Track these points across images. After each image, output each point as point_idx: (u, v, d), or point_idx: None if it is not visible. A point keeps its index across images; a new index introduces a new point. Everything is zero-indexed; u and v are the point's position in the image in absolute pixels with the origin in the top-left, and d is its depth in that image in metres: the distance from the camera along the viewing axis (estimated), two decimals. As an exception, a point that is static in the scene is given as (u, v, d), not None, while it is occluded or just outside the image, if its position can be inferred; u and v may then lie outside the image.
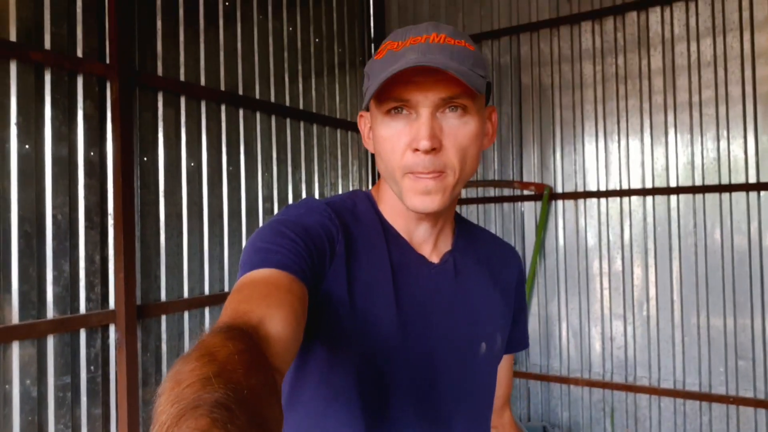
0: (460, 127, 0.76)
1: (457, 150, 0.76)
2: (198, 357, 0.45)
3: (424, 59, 0.71)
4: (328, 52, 3.77)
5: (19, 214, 2.15)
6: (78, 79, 2.35)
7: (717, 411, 3.26)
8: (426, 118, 0.74)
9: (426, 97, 0.73)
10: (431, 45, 0.74)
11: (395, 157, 0.77)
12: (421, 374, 0.83)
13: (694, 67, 3.34)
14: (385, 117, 0.77)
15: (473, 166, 0.80)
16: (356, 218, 0.84)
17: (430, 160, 0.75)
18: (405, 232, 0.86)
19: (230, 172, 3.04)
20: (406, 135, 0.76)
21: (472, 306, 0.88)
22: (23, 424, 2.14)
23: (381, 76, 0.72)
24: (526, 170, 3.87)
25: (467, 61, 0.74)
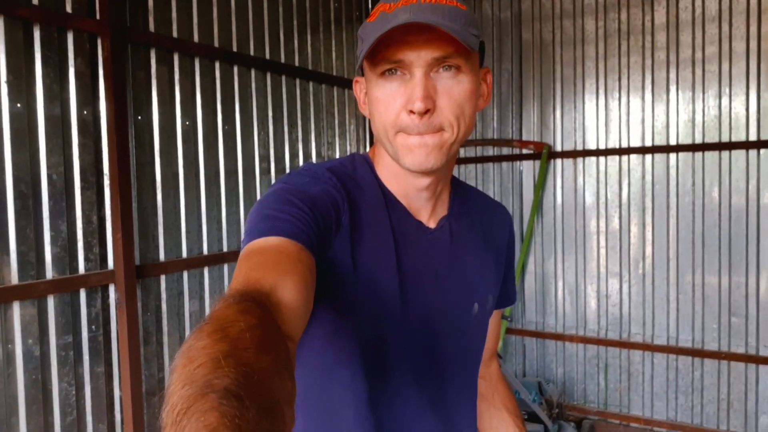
0: (455, 86, 0.75)
1: (453, 108, 0.75)
2: (210, 332, 0.45)
3: (416, 18, 0.70)
4: (323, 7, 3.67)
5: (14, 174, 2.13)
6: (68, 35, 2.29)
7: (709, 366, 3.33)
8: (420, 78, 0.73)
9: (419, 57, 0.73)
10: (423, 5, 0.73)
11: (389, 118, 0.76)
12: (420, 337, 0.85)
13: (699, 22, 3.27)
14: (379, 79, 0.76)
15: (470, 125, 0.79)
16: (357, 184, 0.84)
17: (424, 122, 0.74)
18: (403, 198, 0.86)
19: (226, 131, 3.00)
20: (401, 96, 0.75)
21: (466, 269, 0.90)
22: (27, 383, 2.17)
23: (374, 35, 0.72)
24: (525, 129, 3.84)
25: (459, 20, 0.73)
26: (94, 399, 2.39)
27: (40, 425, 2.21)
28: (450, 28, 0.70)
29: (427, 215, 0.88)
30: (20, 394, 2.15)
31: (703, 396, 3.36)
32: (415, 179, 0.83)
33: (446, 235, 0.88)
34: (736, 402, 3.26)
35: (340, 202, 0.78)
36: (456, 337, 0.89)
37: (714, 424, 3.33)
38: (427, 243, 0.86)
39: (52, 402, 2.26)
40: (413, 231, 0.85)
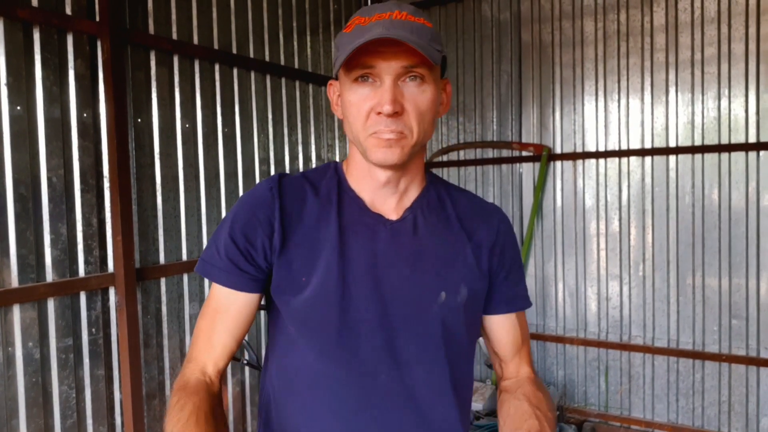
0: (419, 94, 0.86)
1: (416, 114, 0.86)
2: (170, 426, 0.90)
3: (388, 32, 0.81)
4: (323, 8, 3.67)
5: (14, 177, 2.12)
6: (68, 37, 2.29)
7: (709, 368, 3.32)
8: (389, 84, 0.84)
9: (389, 65, 0.84)
10: (394, 21, 0.84)
11: (360, 120, 0.87)
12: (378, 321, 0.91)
13: (698, 23, 3.28)
14: (353, 84, 0.87)
15: (429, 130, 0.90)
16: (315, 187, 0.96)
17: (392, 121, 0.85)
18: (366, 194, 0.96)
19: (226, 133, 2.99)
20: (372, 99, 0.85)
21: (432, 257, 0.94)
22: (28, 385, 2.16)
23: (350, 46, 0.82)
24: (524, 131, 3.84)
25: (425, 36, 0.84)
26: (94, 402, 2.38)
27: (41, 428, 2.20)
28: (417, 43, 0.81)
29: (390, 209, 0.96)
30: (20, 397, 2.14)
31: (704, 398, 3.35)
32: (377, 174, 0.93)
33: (409, 226, 0.95)
34: (737, 404, 3.26)
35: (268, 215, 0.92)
36: (420, 322, 0.93)
37: (715, 426, 3.32)
38: (387, 233, 0.94)
39: (52, 405, 2.25)
40: (368, 222, 0.94)
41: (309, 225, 0.93)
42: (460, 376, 0.99)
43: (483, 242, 0.99)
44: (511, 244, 1.04)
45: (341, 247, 0.92)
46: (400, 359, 0.92)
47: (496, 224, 1.02)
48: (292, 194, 0.95)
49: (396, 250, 0.93)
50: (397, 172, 0.93)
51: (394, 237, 0.94)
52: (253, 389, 3.16)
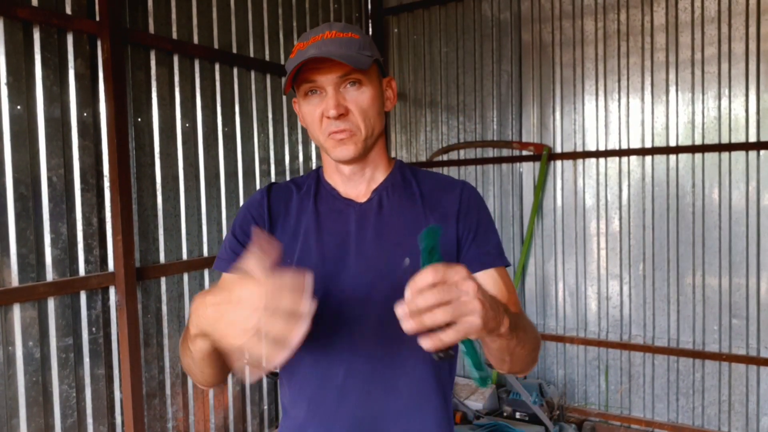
0: (359, 96, 1.01)
1: (360, 113, 1.01)
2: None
3: (319, 51, 0.96)
4: (323, 8, 3.67)
5: (14, 177, 2.13)
6: (68, 37, 2.29)
7: (710, 368, 3.32)
8: (331, 92, 0.99)
9: (327, 78, 0.99)
10: (326, 40, 0.99)
11: (315, 125, 1.02)
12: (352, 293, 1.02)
13: (698, 23, 3.27)
14: (304, 99, 1.03)
15: (377, 123, 1.04)
16: (298, 187, 1.13)
17: (340, 122, 1.00)
18: (338, 185, 1.11)
19: (226, 132, 3.00)
20: (320, 107, 1.01)
21: (395, 230, 1.05)
22: (28, 385, 2.16)
23: (291, 67, 0.98)
24: (525, 130, 3.84)
25: (354, 47, 0.99)
26: (94, 401, 2.39)
27: (41, 427, 2.21)
28: (344, 55, 0.95)
29: (360, 194, 1.10)
30: (21, 396, 2.15)
31: (704, 398, 3.35)
32: (343, 168, 1.08)
33: (374, 205, 1.08)
34: (737, 404, 3.26)
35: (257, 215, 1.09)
36: (385, 287, 1.01)
37: (715, 425, 3.32)
38: (356, 213, 1.07)
39: (52, 404, 2.25)
40: (340, 207, 1.08)
41: (292, 216, 1.09)
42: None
43: (447, 211, 1.07)
44: (475, 208, 1.09)
45: (318, 230, 1.06)
46: (373, 324, 1.01)
47: (458, 193, 1.10)
48: (278, 195, 1.12)
49: (363, 228, 1.06)
50: (359, 163, 1.07)
51: (361, 217, 1.07)
52: (253, 389, 3.16)
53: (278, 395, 3.31)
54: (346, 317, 1.03)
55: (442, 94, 4.11)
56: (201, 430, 2.88)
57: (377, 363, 1.03)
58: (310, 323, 0.97)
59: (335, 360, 1.03)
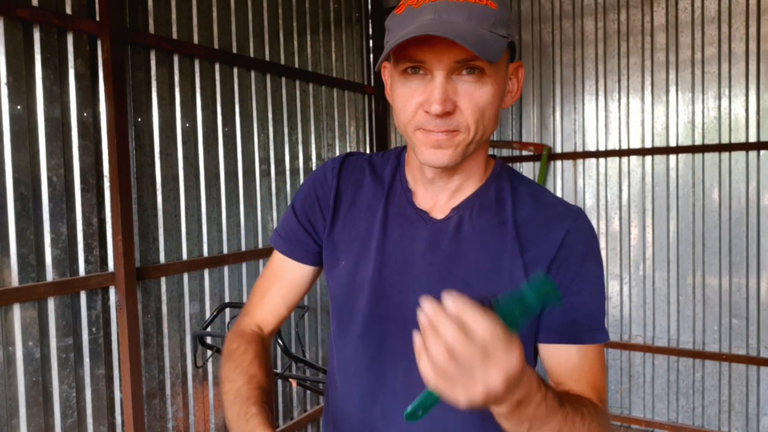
0: (476, 89, 0.75)
1: (473, 111, 0.76)
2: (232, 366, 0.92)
3: (439, 22, 0.71)
4: (323, 8, 3.67)
5: (14, 176, 2.13)
6: (68, 37, 2.29)
7: (710, 368, 3.32)
8: (440, 81, 0.74)
9: (440, 61, 0.73)
10: (450, 3, 0.72)
11: (407, 115, 0.78)
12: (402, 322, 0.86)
13: (698, 23, 3.28)
14: (401, 76, 0.78)
15: (491, 126, 0.80)
16: (374, 171, 0.94)
17: (442, 122, 0.76)
18: (417, 186, 0.90)
19: (226, 132, 3.00)
20: (420, 95, 0.76)
21: (469, 265, 0.84)
22: (28, 385, 2.16)
23: (396, 37, 0.73)
24: (525, 130, 3.84)
25: (486, 21, 0.73)
26: (94, 401, 2.39)
27: (41, 427, 2.21)
28: (472, 34, 0.70)
29: (438, 206, 0.88)
30: (21, 396, 2.15)
31: (704, 398, 3.35)
32: (426, 170, 0.86)
33: (452, 227, 0.86)
34: (738, 404, 3.26)
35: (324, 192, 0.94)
36: None
37: (715, 425, 3.32)
38: (427, 231, 0.87)
39: (52, 404, 2.25)
40: (413, 218, 0.88)
41: (359, 209, 0.92)
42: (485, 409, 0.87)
43: (539, 257, 0.83)
44: (577, 258, 0.83)
45: (382, 238, 0.88)
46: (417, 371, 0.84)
47: (561, 234, 0.83)
48: (349, 175, 0.94)
49: (432, 253, 0.85)
50: (449, 170, 0.84)
51: (432, 238, 0.86)
52: (254, 388, 3.16)
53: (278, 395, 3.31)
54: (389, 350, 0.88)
55: (442, 94, 4.11)
56: (201, 430, 2.88)
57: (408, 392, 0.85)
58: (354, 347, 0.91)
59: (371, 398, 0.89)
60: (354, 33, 3.94)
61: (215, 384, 2.94)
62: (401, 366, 0.87)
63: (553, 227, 0.84)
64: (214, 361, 2.93)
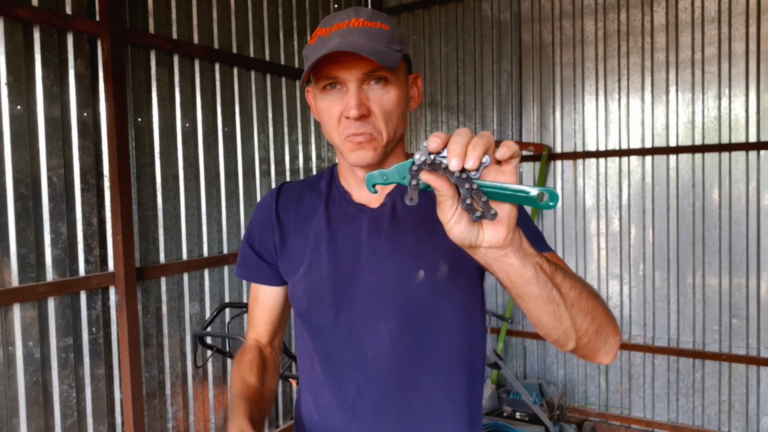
0: (384, 95, 0.91)
1: (383, 115, 0.91)
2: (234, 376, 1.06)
3: (344, 43, 0.86)
4: (323, 8, 3.67)
5: (14, 176, 2.13)
6: (68, 37, 2.29)
7: (710, 368, 3.32)
8: (353, 90, 0.89)
9: (351, 74, 0.88)
10: (351, 29, 0.89)
11: (332, 124, 0.93)
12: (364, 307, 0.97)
13: (698, 23, 3.27)
14: (321, 92, 0.93)
15: (400, 126, 0.95)
16: (311, 187, 1.08)
17: (361, 124, 0.90)
18: (354, 187, 1.03)
19: (226, 132, 3.00)
20: (339, 105, 0.91)
21: (409, 239, 0.97)
22: (28, 385, 2.16)
23: (311, 60, 0.88)
24: (525, 130, 3.84)
25: (382, 40, 0.89)
26: (94, 401, 2.39)
27: (41, 427, 2.21)
28: (372, 50, 0.84)
29: (372, 198, 1.01)
30: (21, 396, 2.15)
31: (704, 398, 3.35)
32: (357, 171, 0.99)
33: (387, 211, 0.99)
34: (738, 404, 3.26)
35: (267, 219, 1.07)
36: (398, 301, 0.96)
37: (715, 425, 3.32)
38: (367, 220, 1.00)
39: (52, 404, 2.26)
40: (351, 213, 1.01)
41: (303, 219, 1.04)
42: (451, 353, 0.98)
43: None
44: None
45: (330, 236, 1.00)
46: (383, 339, 0.96)
47: None
48: (288, 196, 1.08)
49: (377, 236, 0.98)
50: (375, 166, 0.96)
51: (374, 224, 0.99)
52: (254, 388, 3.16)
53: (278, 395, 3.31)
54: (357, 332, 0.98)
55: (442, 94, 4.11)
56: (201, 430, 2.88)
57: (388, 382, 0.97)
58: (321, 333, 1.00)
59: (346, 377, 0.99)
60: (354, 33, 3.94)
61: (215, 384, 2.95)
62: (369, 345, 0.97)
63: None
64: (214, 361, 2.93)
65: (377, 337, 0.96)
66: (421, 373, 0.97)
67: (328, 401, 1.01)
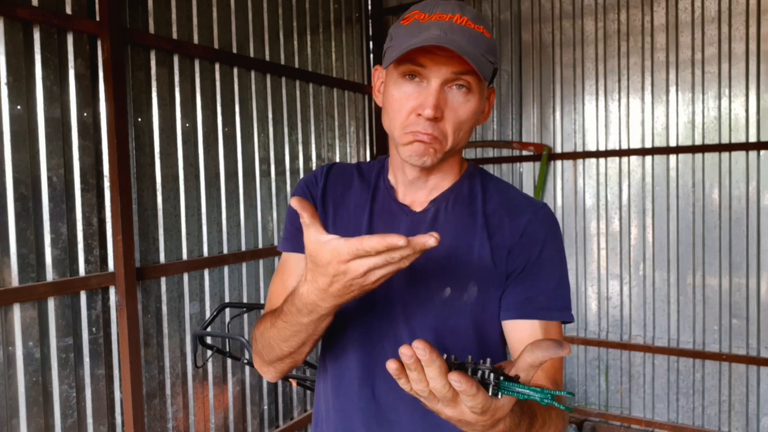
0: (463, 103, 0.86)
1: (455, 123, 0.86)
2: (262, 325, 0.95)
3: (445, 39, 0.81)
4: (323, 8, 3.67)
5: (14, 177, 2.13)
6: (68, 37, 2.29)
7: (710, 368, 3.32)
8: (435, 88, 0.84)
9: (439, 69, 0.83)
10: (454, 25, 0.83)
11: (400, 117, 0.87)
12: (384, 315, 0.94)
13: (698, 23, 3.27)
14: (399, 78, 0.87)
15: (465, 138, 0.91)
16: (362, 175, 1.03)
17: (430, 125, 0.85)
18: (399, 185, 0.99)
19: (226, 132, 3.00)
20: (414, 99, 0.85)
21: (444, 251, 0.93)
22: (28, 385, 2.16)
23: (405, 44, 0.82)
24: (525, 130, 3.84)
25: (481, 47, 0.84)
26: (94, 401, 2.39)
27: (41, 427, 2.21)
28: (471, 55, 0.80)
29: (418, 201, 0.98)
30: (21, 396, 2.15)
31: (704, 398, 3.35)
32: (407, 169, 0.95)
33: (429, 218, 0.96)
34: (738, 404, 3.26)
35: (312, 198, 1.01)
36: (419, 312, 0.93)
37: (715, 425, 3.32)
38: (407, 223, 0.96)
39: (52, 404, 2.25)
40: (394, 212, 0.98)
41: (347, 207, 1.01)
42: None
43: (503, 242, 0.93)
44: (537, 244, 0.93)
45: (368, 230, 0.97)
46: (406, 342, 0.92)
47: (523, 223, 0.94)
48: (337, 180, 1.03)
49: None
50: (427, 170, 0.94)
51: (412, 227, 0.96)
52: (254, 389, 3.16)
53: (278, 395, 3.31)
54: (377, 332, 0.96)
55: (442, 94, 4.11)
56: (201, 430, 2.88)
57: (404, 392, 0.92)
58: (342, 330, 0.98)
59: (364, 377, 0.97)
60: (354, 33, 3.94)
61: (215, 384, 2.95)
62: (390, 345, 0.94)
63: (516, 217, 0.95)
64: (214, 361, 2.93)
65: (398, 338, 0.94)
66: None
67: (345, 400, 1.00)
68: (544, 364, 0.83)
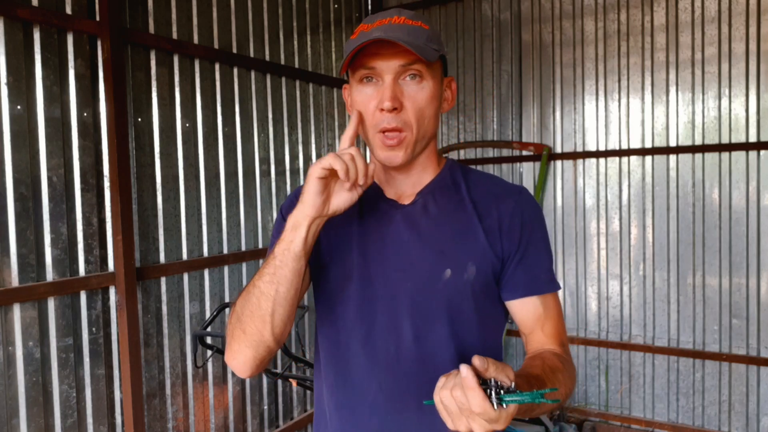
0: (418, 91, 0.94)
1: (416, 110, 0.94)
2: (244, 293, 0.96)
3: (384, 35, 0.90)
4: (323, 8, 3.67)
5: (14, 177, 2.13)
6: (68, 37, 2.29)
7: (710, 368, 3.32)
8: (389, 82, 0.92)
9: (388, 65, 0.92)
10: (393, 25, 0.92)
11: (368, 118, 0.95)
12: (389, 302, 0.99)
13: (698, 23, 3.27)
14: (358, 84, 0.96)
15: (431, 124, 0.98)
16: None
17: (393, 117, 0.93)
18: (383, 182, 1.06)
19: (226, 132, 3.00)
20: (375, 98, 0.94)
21: (439, 237, 1.00)
22: (28, 385, 2.16)
23: (351, 47, 0.92)
24: (525, 130, 3.84)
25: (421, 37, 0.92)
26: (94, 401, 2.39)
27: (41, 427, 2.21)
28: (411, 43, 0.89)
29: (402, 194, 1.04)
30: (21, 396, 2.15)
31: (704, 398, 3.35)
32: (388, 168, 1.02)
33: (419, 209, 1.02)
34: (738, 404, 3.26)
35: None
36: (421, 299, 0.98)
37: (715, 425, 3.32)
38: (399, 215, 1.02)
39: (52, 404, 2.25)
40: (383, 208, 1.04)
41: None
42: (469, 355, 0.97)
43: (495, 224, 1.00)
44: (527, 225, 1.01)
45: (361, 228, 1.02)
46: (407, 335, 0.98)
47: (511, 206, 1.01)
48: None
49: (407, 232, 1.00)
50: (406, 166, 1.00)
51: (405, 220, 1.01)
52: (254, 389, 3.16)
53: (278, 395, 3.31)
54: (380, 326, 0.99)
55: (442, 94, 4.11)
56: (201, 430, 2.88)
57: (410, 378, 0.98)
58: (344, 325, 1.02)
59: (368, 374, 1.00)
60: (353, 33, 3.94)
61: (215, 384, 2.95)
62: (392, 340, 0.99)
63: (503, 200, 1.02)
64: (214, 361, 2.93)
65: (400, 332, 0.98)
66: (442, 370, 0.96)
67: (347, 395, 1.02)
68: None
